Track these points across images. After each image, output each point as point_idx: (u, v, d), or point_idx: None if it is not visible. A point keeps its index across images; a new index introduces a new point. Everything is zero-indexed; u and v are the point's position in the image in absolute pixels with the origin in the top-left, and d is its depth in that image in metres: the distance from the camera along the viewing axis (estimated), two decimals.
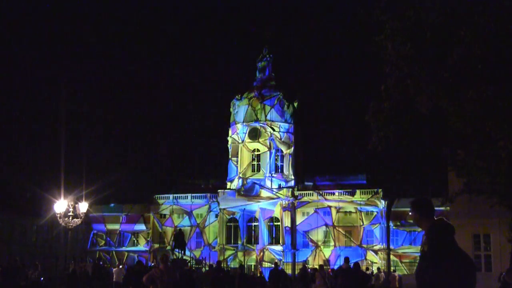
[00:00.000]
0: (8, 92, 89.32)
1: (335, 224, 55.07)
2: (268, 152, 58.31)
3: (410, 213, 5.26)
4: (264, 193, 55.99)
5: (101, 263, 42.05)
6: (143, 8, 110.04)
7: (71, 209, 25.25)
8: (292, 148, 58.99)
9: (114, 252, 60.98)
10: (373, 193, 54.37)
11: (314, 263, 49.97)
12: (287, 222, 55.39)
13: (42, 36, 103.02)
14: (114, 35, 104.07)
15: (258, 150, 59.15)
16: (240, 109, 60.24)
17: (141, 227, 61.46)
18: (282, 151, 59.18)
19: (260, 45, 62.96)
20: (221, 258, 51.48)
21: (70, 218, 25.13)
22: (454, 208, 26.85)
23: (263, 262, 52.62)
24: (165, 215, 60.38)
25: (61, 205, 25.19)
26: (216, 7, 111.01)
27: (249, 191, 56.23)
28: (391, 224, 53.90)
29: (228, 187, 58.78)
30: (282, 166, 59.03)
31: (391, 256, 53.18)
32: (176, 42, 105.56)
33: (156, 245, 59.02)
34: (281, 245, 54.69)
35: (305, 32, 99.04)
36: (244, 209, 56.05)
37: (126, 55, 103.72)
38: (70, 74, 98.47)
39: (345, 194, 55.11)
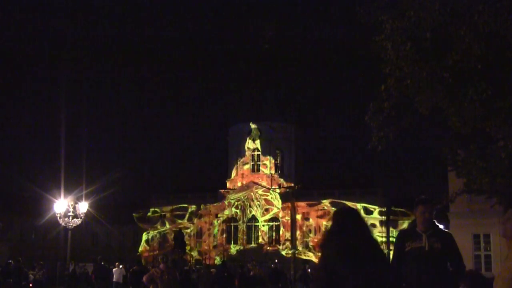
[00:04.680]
0: (8, 92, 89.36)
1: None
2: (268, 152, 58.31)
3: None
4: (264, 193, 55.96)
5: (102, 263, 41.92)
6: (143, 9, 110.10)
7: (71, 209, 25.28)
8: (292, 148, 59.01)
9: (113, 253, 60.94)
10: (373, 193, 54.35)
11: (314, 263, 49.92)
12: (287, 222, 55.38)
13: (42, 36, 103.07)
14: (114, 34, 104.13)
15: (258, 150, 59.14)
16: (240, 109, 60.30)
17: (141, 227, 61.42)
18: (282, 151, 59.18)
19: (260, 45, 62.98)
20: (221, 258, 51.45)
21: (70, 218, 25.16)
22: (454, 208, 26.85)
23: (263, 262, 52.59)
24: (165, 215, 60.34)
25: (61, 205, 25.25)
26: (216, 6, 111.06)
27: (249, 191, 56.22)
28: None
29: (228, 187, 58.78)
30: (282, 166, 59.02)
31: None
32: (176, 41, 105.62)
33: (156, 246, 58.98)
34: (281, 245, 54.68)
35: (305, 32, 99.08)
36: (244, 209, 56.05)
37: (126, 55, 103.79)
38: (70, 73, 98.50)
39: (345, 194, 55.07)
